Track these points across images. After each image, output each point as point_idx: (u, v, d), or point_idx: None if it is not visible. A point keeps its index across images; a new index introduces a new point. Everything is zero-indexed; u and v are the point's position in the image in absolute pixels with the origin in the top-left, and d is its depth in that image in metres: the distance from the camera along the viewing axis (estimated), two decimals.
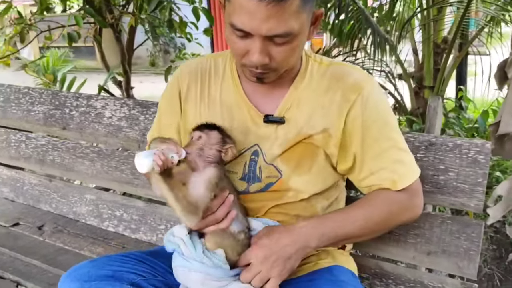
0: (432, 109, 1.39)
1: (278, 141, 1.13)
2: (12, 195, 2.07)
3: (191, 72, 1.23)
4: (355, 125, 1.10)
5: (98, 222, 1.83)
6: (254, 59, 0.98)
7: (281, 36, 0.95)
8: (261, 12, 0.91)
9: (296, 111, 1.12)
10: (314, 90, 1.12)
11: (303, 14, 0.96)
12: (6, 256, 1.62)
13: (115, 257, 1.12)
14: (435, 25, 3.71)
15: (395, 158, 1.11)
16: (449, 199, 1.29)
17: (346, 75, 1.11)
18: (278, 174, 1.14)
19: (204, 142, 1.08)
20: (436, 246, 1.31)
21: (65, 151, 1.95)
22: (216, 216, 1.08)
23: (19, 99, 2.08)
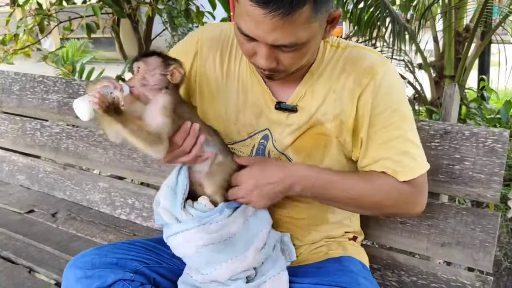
0: (448, 97, 1.34)
1: (289, 129, 1.10)
2: (28, 183, 2.09)
3: (214, 38, 1.18)
4: (365, 110, 1.05)
5: (110, 209, 1.84)
6: (261, 63, 0.96)
7: (287, 46, 0.92)
8: (266, 23, 0.87)
9: (310, 100, 1.08)
10: (328, 75, 1.08)
11: (313, 24, 0.91)
12: (20, 242, 1.64)
13: (120, 245, 1.12)
14: (457, 13, 3.60)
15: (402, 148, 1.05)
16: (465, 189, 1.25)
17: (361, 58, 1.06)
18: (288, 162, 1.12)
19: (144, 70, 1.01)
20: (451, 238, 1.27)
21: (78, 139, 1.97)
22: (183, 148, 1.02)
23: (34, 87, 2.10)
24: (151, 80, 1.01)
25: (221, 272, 1.03)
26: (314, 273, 1.08)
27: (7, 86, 2.19)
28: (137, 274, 1.04)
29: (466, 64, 3.50)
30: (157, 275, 1.08)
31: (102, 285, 1.01)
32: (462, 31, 3.63)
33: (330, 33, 1.00)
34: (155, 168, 1.75)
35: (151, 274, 1.07)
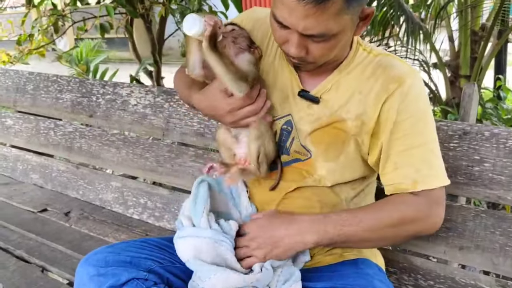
0: (467, 96, 1.30)
1: (309, 118, 1.11)
2: (41, 182, 2.10)
3: (258, 19, 1.21)
4: (389, 116, 1.04)
5: (123, 209, 1.83)
6: (291, 50, 0.98)
7: (317, 36, 0.94)
8: (299, 10, 0.90)
9: (335, 94, 1.09)
10: (357, 76, 1.08)
11: (345, 16, 0.92)
12: (33, 241, 1.64)
13: (134, 243, 1.11)
14: (473, 12, 3.54)
15: (423, 158, 1.04)
16: (484, 191, 1.21)
17: (392, 65, 1.07)
18: (308, 154, 1.11)
19: (238, 33, 1.10)
20: (469, 241, 1.23)
21: (91, 139, 1.97)
22: (255, 106, 1.08)
23: (48, 87, 2.11)
24: (240, 43, 1.10)
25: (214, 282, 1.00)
26: (329, 277, 1.06)
27: (22, 85, 2.20)
28: (151, 273, 1.03)
29: (482, 64, 3.44)
30: (170, 274, 1.07)
31: (115, 283, 1.00)
32: (478, 30, 3.56)
33: (362, 29, 1.02)
34: (168, 167, 1.75)
35: (164, 273, 1.06)
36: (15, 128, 2.22)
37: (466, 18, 3.47)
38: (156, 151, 1.79)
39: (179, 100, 1.73)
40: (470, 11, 3.47)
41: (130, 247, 1.09)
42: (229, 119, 1.10)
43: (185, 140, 1.72)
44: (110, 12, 3.20)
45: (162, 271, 1.06)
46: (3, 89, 2.28)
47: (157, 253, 1.10)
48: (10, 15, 8.34)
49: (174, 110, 1.74)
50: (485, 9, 3.61)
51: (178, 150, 1.74)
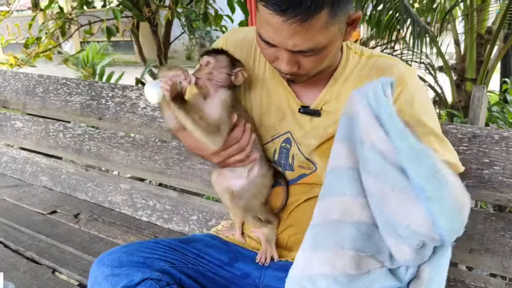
0: (477, 99, 1.31)
1: (314, 133, 1.09)
2: (51, 184, 2.12)
3: (238, 41, 1.18)
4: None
5: (132, 211, 1.85)
6: (283, 68, 0.96)
7: (306, 52, 0.92)
8: (285, 29, 0.88)
9: (336, 104, 1.08)
10: (354, 82, 1.07)
11: (332, 27, 0.90)
12: (43, 243, 1.65)
13: (147, 244, 1.12)
14: (479, 15, 3.54)
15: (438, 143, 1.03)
16: (494, 194, 1.22)
17: (389, 67, 1.05)
18: (313, 167, 1.11)
19: (213, 66, 1.06)
20: (479, 244, 1.24)
21: (101, 141, 1.98)
22: (241, 143, 1.07)
23: (57, 89, 2.13)
24: (217, 77, 1.06)
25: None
26: None
27: (31, 88, 2.22)
28: (164, 273, 1.04)
29: (488, 67, 3.44)
30: (182, 275, 1.08)
31: (129, 283, 1.01)
32: (484, 33, 3.57)
33: (350, 35, 0.99)
34: (177, 170, 1.76)
35: (177, 274, 1.07)
36: (24, 130, 2.24)
37: (472, 22, 3.47)
38: (165, 154, 1.80)
39: None
40: (476, 14, 3.47)
41: (143, 248, 1.10)
42: (215, 160, 1.10)
43: None
44: (116, 15, 3.23)
45: (175, 272, 1.07)
46: (13, 91, 2.30)
47: (169, 254, 1.10)
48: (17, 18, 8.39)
49: None
50: (490, 12, 3.61)
51: (187, 152, 1.74)
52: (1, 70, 2.42)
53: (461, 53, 3.78)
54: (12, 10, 4.15)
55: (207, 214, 1.67)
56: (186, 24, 7.57)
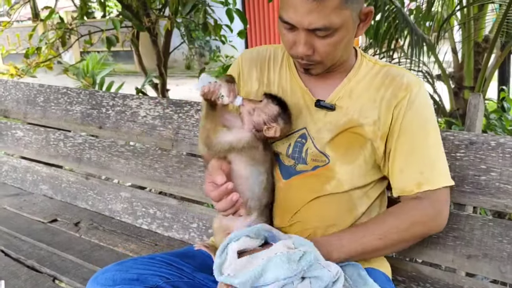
0: (473, 107, 1.33)
1: (328, 127, 1.15)
2: (51, 192, 2.13)
3: (252, 58, 1.28)
4: (397, 122, 1.12)
5: (132, 219, 1.85)
6: (299, 50, 1.05)
7: (321, 29, 1.00)
8: (303, 6, 0.98)
9: (348, 101, 1.15)
10: (367, 85, 1.15)
11: (345, 11, 1.00)
12: (44, 251, 1.66)
13: (141, 260, 1.12)
14: (476, 24, 3.57)
15: (426, 161, 1.12)
16: (491, 200, 1.23)
17: (400, 75, 1.15)
18: (326, 159, 1.15)
19: (261, 106, 1.11)
20: (477, 249, 1.25)
21: (101, 150, 1.99)
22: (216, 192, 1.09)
23: (58, 99, 2.15)
24: (255, 117, 1.11)
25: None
26: None
27: (32, 97, 2.24)
28: None
29: (486, 75, 3.46)
30: None
31: None
32: (481, 41, 3.60)
33: (363, 30, 1.09)
34: (177, 178, 1.77)
35: None
36: (25, 139, 2.26)
37: (469, 30, 3.50)
38: (165, 162, 1.81)
39: (188, 111, 1.76)
40: (473, 23, 3.51)
41: (138, 264, 1.10)
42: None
43: (194, 150, 1.74)
44: (116, 25, 3.26)
45: (169, 287, 1.07)
46: (14, 101, 2.31)
47: (165, 269, 1.10)
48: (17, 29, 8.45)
49: (183, 121, 1.77)
50: (487, 21, 3.64)
51: (187, 160, 1.76)
52: (2, 80, 2.44)
53: (459, 61, 3.81)
54: (12, 20, 4.19)
55: (207, 222, 1.68)
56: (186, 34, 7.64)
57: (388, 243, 1.11)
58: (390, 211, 1.15)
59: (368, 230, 1.11)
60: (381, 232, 1.10)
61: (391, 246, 1.13)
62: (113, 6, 7.32)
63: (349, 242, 1.09)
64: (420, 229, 1.13)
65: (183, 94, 6.95)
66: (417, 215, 1.11)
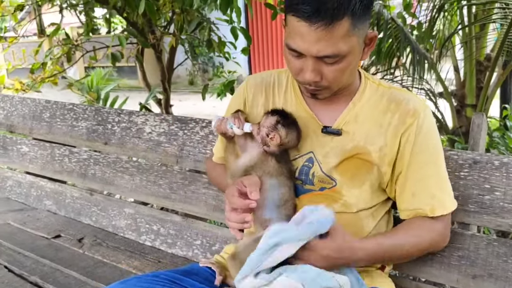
0: (476, 126, 1.34)
1: (334, 151, 1.16)
2: (55, 208, 2.13)
3: (257, 84, 1.30)
4: (406, 148, 1.14)
5: (135, 236, 1.85)
6: (307, 77, 1.05)
7: (330, 57, 1.01)
8: (311, 35, 0.98)
9: (354, 125, 1.16)
10: (373, 108, 1.17)
11: (352, 38, 1.01)
12: (47, 267, 1.66)
13: (145, 278, 1.11)
14: (477, 43, 3.61)
15: (438, 185, 1.15)
16: (496, 220, 1.23)
17: (406, 100, 1.16)
18: (333, 182, 1.16)
19: (262, 122, 1.15)
20: (482, 269, 1.25)
21: (106, 166, 2.00)
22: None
23: (64, 115, 2.17)
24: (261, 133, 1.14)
25: None
26: None
27: (38, 113, 2.26)
28: None
29: (488, 93, 3.48)
30: None
31: None
32: (483, 60, 3.63)
33: (367, 54, 1.11)
34: (181, 194, 1.77)
35: None
36: (30, 155, 2.27)
37: (471, 49, 3.53)
38: (169, 178, 1.82)
39: (193, 128, 1.78)
40: (475, 42, 3.54)
41: (141, 282, 1.09)
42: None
43: (198, 167, 1.75)
44: (122, 42, 3.29)
45: None
46: (20, 116, 2.34)
47: (168, 287, 1.10)
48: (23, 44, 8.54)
49: (188, 138, 1.78)
50: (489, 40, 3.67)
51: (192, 177, 1.77)
52: (8, 96, 2.47)
53: (461, 79, 3.84)
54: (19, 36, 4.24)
55: (211, 239, 1.68)
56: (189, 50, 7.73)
57: (406, 257, 1.19)
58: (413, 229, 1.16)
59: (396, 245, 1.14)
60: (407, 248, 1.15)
61: (405, 259, 1.21)
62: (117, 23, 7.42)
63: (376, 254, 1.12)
64: (433, 247, 1.21)
65: (186, 110, 6.99)
66: (435, 237, 1.17)
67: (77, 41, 3.76)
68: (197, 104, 8.96)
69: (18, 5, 3.60)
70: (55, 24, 3.70)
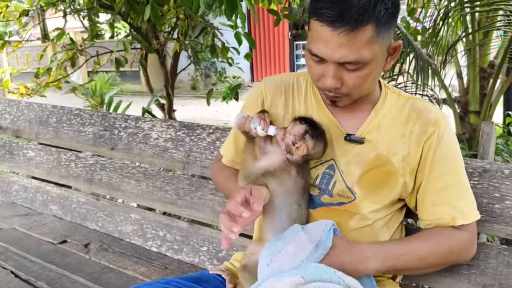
0: (486, 135, 1.34)
1: (356, 159, 1.15)
2: (61, 213, 2.13)
3: (276, 86, 1.27)
4: (428, 157, 1.13)
5: (142, 241, 1.85)
6: (328, 83, 1.04)
7: (351, 63, 1.00)
8: (334, 40, 0.97)
9: (377, 134, 1.15)
10: (394, 118, 1.16)
11: (375, 45, 0.99)
12: (54, 273, 1.65)
13: (157, 285, 1.11)
14: (481, 50, 3.62)
15: (458, 194, 1.14)
16: (506, 229, 1.23)
17: (426, 110, 1.15)
18: (352, 196, 1.14)
19: (289, 129, 1.12)
20: (492, 279, 1.24)
21: (112, 171, 2.01)
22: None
23: (70, 120, 2.17)
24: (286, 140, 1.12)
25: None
26: None
27: (44, 118, 2.26)
28: None
29: (491, 100, 3.49)
30: None
31: None
32: (487, 67, 3.63)
33: (390, 64, 1.10)
34: (187, 200, 1.77)
35: None
36: (36, 159, 2.27)
37: (475, 56, 3.54)
38: (176, 184, 1.82)
39: (200, 134, 1.78)
40: (478, 49, 3.55)
41: None
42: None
43: (205, 173, 1.75)
44: (126, 47, 3.31)
45: None
46: (26, 121, 2.34)
47: None
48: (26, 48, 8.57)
49: (194, 144, 1.78)
50: (493, 47, 3.68)
51: (198, 183, 1.77)
52: (15, 101, 2.47)
53: (464, 86, 3.84)
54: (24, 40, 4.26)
55: (217, 245, 1.68)
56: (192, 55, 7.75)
57: (423, 265, 1.13)
58: (430, 235, 1.14)
59: (410, 249, 1.11)
60: (422, 254, 1.11)
61: (424, 269, 1.15)
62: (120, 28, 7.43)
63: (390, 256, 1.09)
64: (455, 257, 1.16)
65: (188, 114, 7.00)
66: (454, 245, 1.14)
67: (81, 46, 3.78)
68: (198, 108, 8.99)
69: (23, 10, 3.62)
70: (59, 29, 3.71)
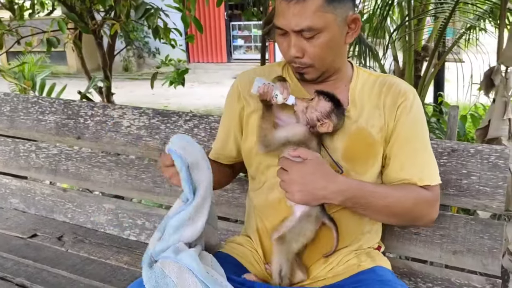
0: (452, 117, 1.49)
1: (339, 134, 1.22)
2: (23, 206, 2.03)
3: (250, 79, 1.27)
4: (398, 125, 1.23)
5: (118, 231, 1.83)
6: (291, 52, 1.15)
7: (305, 30, 1.11)
8: (288, 10, 1.11)
9: (354, 108, 1.24)
10: (368, 93, 1.25)
11: (327, 14, 1.11)
12: (31, 268, 1.60)
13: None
14: (416, 35, 3.89)
15: (425, 159, 1.24)
16: (472, 201, 1.39)
17: (395, 84, 1.26)
18: (339, 170, 1.21)
19: (314, 104, 1.16)
20: (461, 245, 1.41)
21: (80, 161, 1.95)
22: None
23: (27, 108, 2.06)
24: (309, 114, 1.16)
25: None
26: None
27: None
28: None
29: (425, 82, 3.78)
30: None
31: None
32: (421, 50, 3.92)
33: (352, 38, 1.19)
34: (166, 188, 1.78)
35: None
36: None
37: (410, 41, 3.80)
38: (152, 172, 1.81)
39: (176, 121, 1.78)
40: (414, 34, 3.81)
41: None
42: None
43: None
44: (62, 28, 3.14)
45: None
46: None
47: None
48: None
49: (171, 131, 1.78)
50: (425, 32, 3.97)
51: None
52: None
53: (400, 68, 4.12)
54: None
55: None
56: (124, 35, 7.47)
57: (387, 211, 1.19)
58: (398, 187, 1.21)
59: (377, 192, 1.17)
60: (390, 200, 1.17)
61: (387, 215, 1.22)
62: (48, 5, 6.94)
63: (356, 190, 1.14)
64: (418, 213, 1.22)
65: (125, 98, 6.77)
66: (420, 200, 1.20)
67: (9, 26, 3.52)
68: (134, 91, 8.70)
69: None
70: None
